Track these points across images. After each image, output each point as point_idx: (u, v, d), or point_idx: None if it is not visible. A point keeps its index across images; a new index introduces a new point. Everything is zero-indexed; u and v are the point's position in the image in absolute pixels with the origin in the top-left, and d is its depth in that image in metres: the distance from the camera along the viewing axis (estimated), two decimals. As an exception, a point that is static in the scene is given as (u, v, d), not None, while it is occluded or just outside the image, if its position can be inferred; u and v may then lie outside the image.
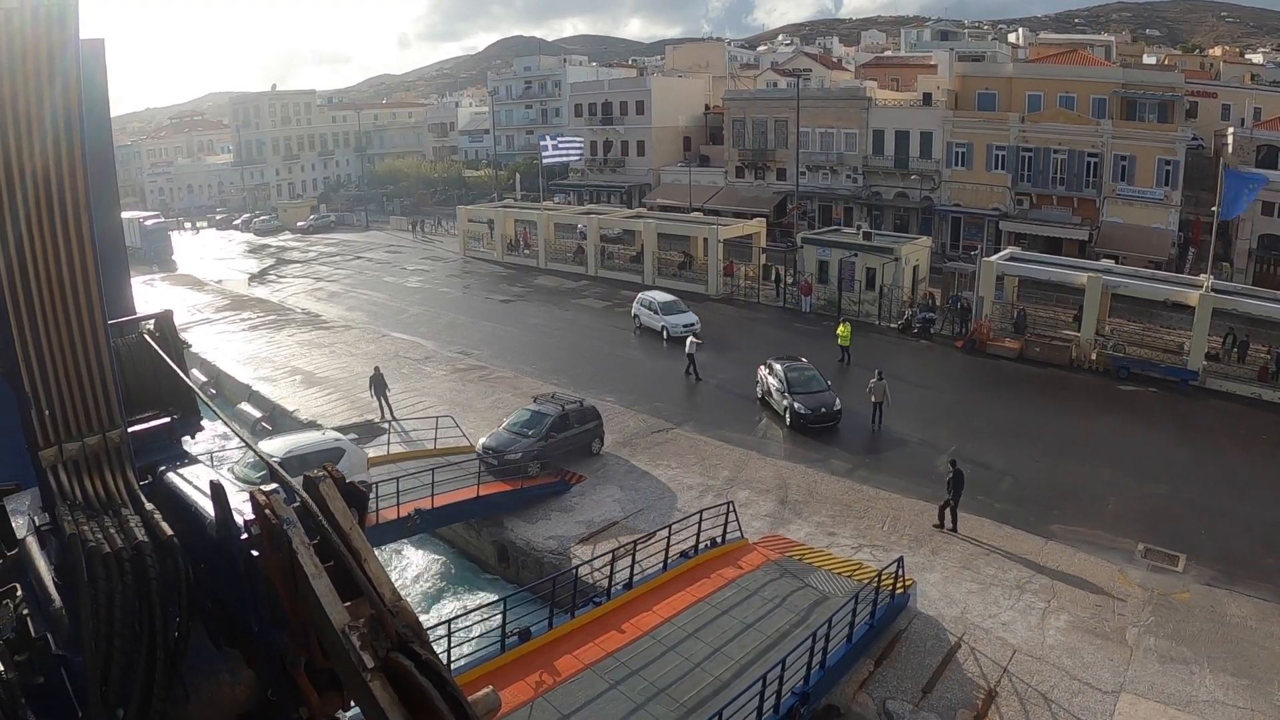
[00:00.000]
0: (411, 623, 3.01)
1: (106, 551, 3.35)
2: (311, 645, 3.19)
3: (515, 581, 26.40)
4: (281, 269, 78.65)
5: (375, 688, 2.82)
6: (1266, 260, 59.96)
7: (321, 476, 3.38)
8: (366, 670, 2.85)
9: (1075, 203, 65.41)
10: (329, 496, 3.33)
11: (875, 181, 74.98)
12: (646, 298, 50.98)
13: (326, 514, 3.28)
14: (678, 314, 48.63)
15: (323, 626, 3.01)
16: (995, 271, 46.13)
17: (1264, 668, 20.51)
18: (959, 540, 26.12)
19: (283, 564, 3.16)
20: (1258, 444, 34.18)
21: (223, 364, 46.04)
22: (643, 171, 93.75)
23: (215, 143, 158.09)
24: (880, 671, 20.53)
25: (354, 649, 2.89)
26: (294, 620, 3.22)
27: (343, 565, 3.14)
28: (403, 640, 2.95)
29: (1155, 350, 43.72)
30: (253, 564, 3.33)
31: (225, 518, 3.52)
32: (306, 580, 3.06)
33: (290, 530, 3.14)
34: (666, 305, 49.54)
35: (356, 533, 3.26)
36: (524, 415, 32.00)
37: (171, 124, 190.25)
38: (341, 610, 3.00)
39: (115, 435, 4.04)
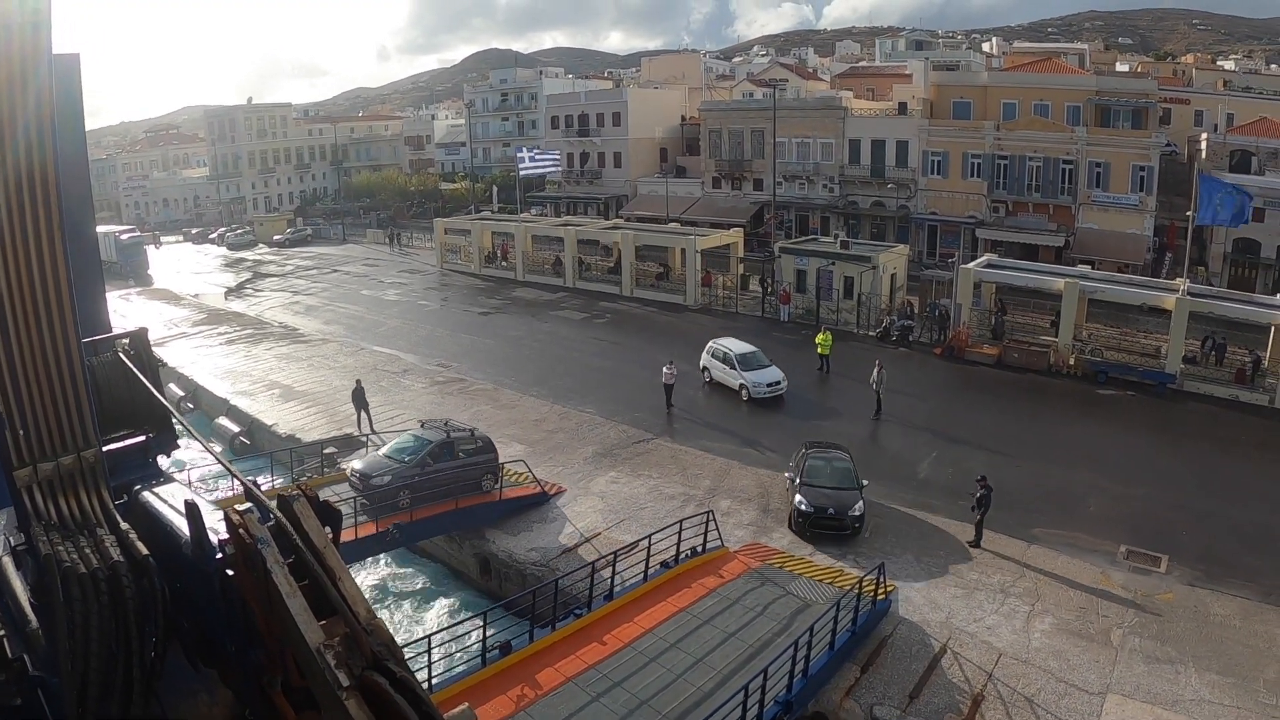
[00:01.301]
0: (386, 641, 3.01)
1: (82, 572, 3.32)
2: (288, 664, 3.16)
3: (497, 594, 26.23)
4: (258, 283, 78.37)
5: (351, 706, 2.80)
6: (1241, 264, 60.33)
7: (295, 495, 3.35)
8: (342, 689, 2.82)
9: (1051, 209, 65.70)
10: (303, 515, 3.31)
11: (852, 191, 75.16)
12: (719, 347, 41.65)
13: (300, 533, 3.25)
14: (759, 369, 39.73)
15: (298, 645, 2.99)
16: (973, 278, 46.25)
17: (1249, 665, 20.54)
18: (942, 545, 26.08)
19: (257, 583, 3.14)
20: (1236, 445, 34.36)
21: (200, 378, 45.72)
22: (620, 183, 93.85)
23: (191, 156, 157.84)
24: (866, 678, 20.44)
25: (329, 668, 2.86)
26: (269, 639, 3.20)
27: (317, 584, 3.12)
28: (378, 658, 2.94)
29: (1133, 354, 43.86)
30: (228, 583, 3.31)
31: (200, 537, 3.46)
32: (281, 599, 3.03)
33: (264, 549, 3.11)
34: (745, 358, 40.26)
35: (331, 551, 3.24)
36: (405, 440, 29.70)
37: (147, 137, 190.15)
38: (316, 629, 2.98)
39: (90, 455, 4.03)
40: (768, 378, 39.15)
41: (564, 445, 34.37)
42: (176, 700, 3.57)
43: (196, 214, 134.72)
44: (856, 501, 26.66)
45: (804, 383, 41.58)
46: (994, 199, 67.93)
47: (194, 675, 3.67)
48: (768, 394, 38.61)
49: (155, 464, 4.96)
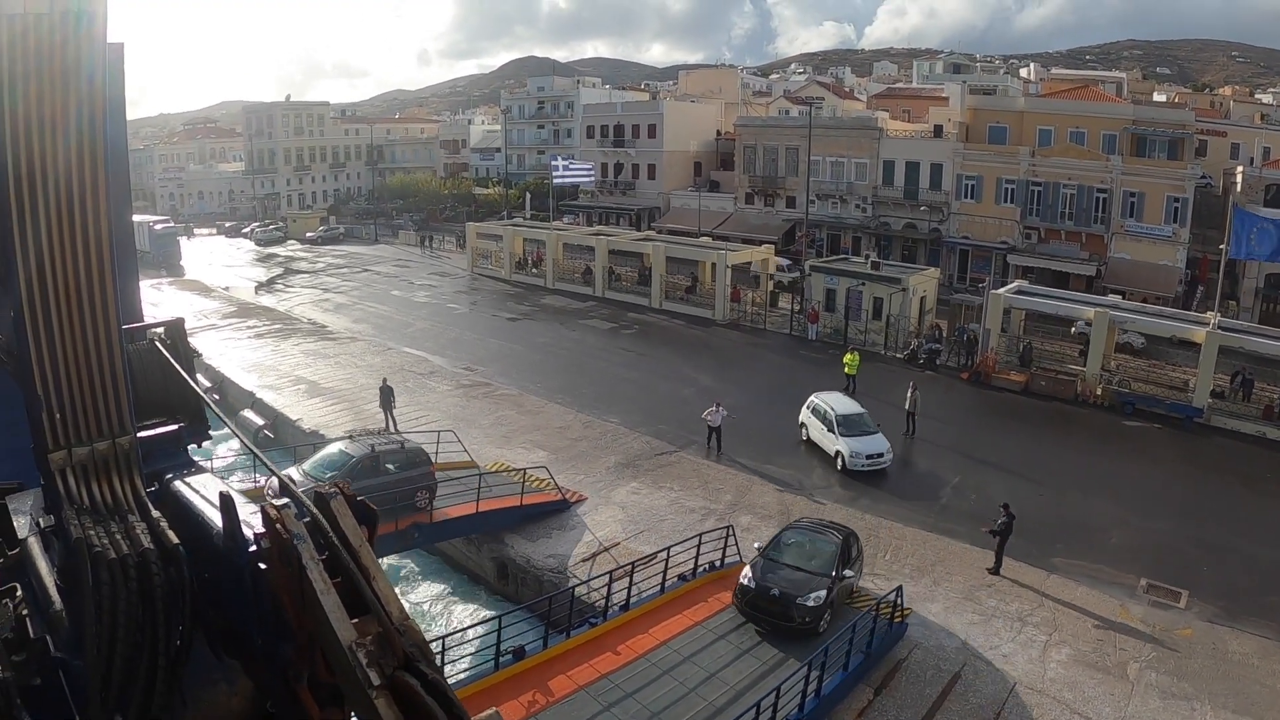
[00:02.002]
0: (419, 642, 3.00)
1: (112, 557, 3.35)
2: (316, 660, 3.18)
3: (514, 599, 26.27)
4: (289, 279, 78.89)
5: (380, 705, 2.80)
6: (1273, 299, 59.97)
7: (333, 493, 3.36)
8: (372, 687, 2.83)
9: (1083, 238, 65.44)
10: (340, 513, 3.32)
11: (884, 212, 75.05)
12: (821, 404, 35.85)
13: (337, 530, 3.27)
14: (862, 435, 33.89)
15: (329, 642, 3.00)
16: (1002, 304, 46.08)
17: (1265, 705, 20.40)
18: (961, 570, 26.00)
19: (291, 579, 3.15)
20: (1262, 482, 34.11)
21: (227, 370, 45.98)
22: (653, 195, 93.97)
23: (227, 150, 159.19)
24: (879, 700, 20.38)
25: (360, 666, 2.87)
26: (300, 634, 3.21)
27: (351, 582, 3.13)
28: (409, 659, 2.94)
29: (1161, 387, 43.61)
30: (260, 577, 3.32)
31: (233, 529, 3.49)
32: (315, 596, 3.05)
33: (300, 545, 3.13)
34: (848, 420, 34.32)
35: (366, 550, 3.24)
36: (330, 453, 27.64)
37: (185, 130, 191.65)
38: (349, 627, 2.99)
39: (125, 441, 4.03)
40: (870, 447, 33.22)
41: (587, 454, 34.42)
42: (197, 688, 3.59)
43: (231, 208, 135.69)
44: (817, 590, 21.69)
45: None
46: (1026, 225, 67.69)
47: (216, 665, 3.68)
48: (867, 466, 32.88)
49: (187, 453, 4.98)
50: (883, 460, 33.19)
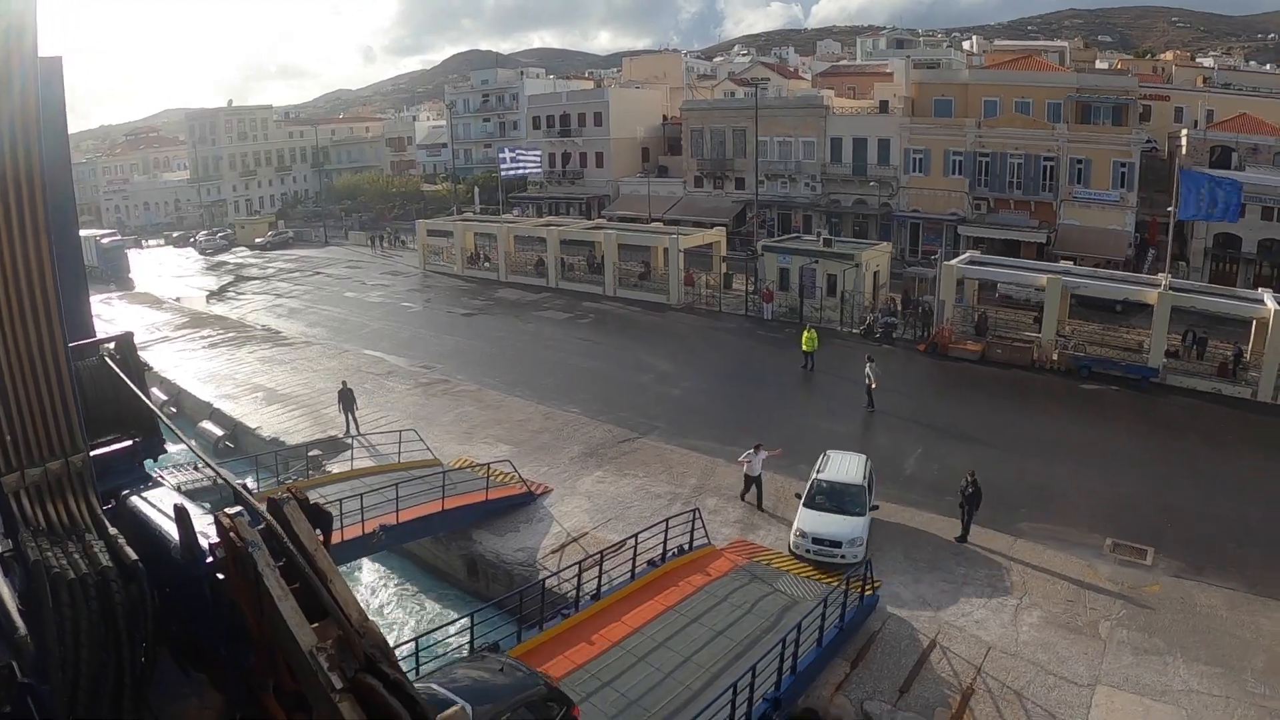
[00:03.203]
0: (379, 643, 3.02)
1: (71, 578, 3.29)
2: (279, 667, 3.15)
3: (485, 595, 26.05)
4: (240, 286, 77.99)
5: (344, 708, 2.81)
6: (1222, 259, 60.71)
7: (285, 498, 3.35)
8: (335, 691, 2.83)
9: (1033, 206, 65.96)
10: (293, 518, 3.30)
11: (834, 189, 75.30)
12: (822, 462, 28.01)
13: (291, 536, 3.25)
14: (832, 513, 25.56)
15: (290, 648, 2.98)
16: (955, 275, 46.32)
17: (1236, 655, 20.63)
18: (930, 540, 26.10)
19: (248, 586, 3.13)
20: (1219, 438, 34.54)
21: (183, 382, 45.32)
22: (602, 183, 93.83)
23: (171, 159, 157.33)
24: (856, 673, 20.43)
25: (322, 670, 2.87)
26: (261, 642, 3.18)
27: (309, 587, 3.12)
28: (370, 660, 2.95)
29: (1116, 349, 44.01)
30: (219, 587, 3.31)
31: (190, 541, 3.46)
32: (273, 602, 3.03)
33: (255, 553, 3.10)
34: (827, 490, 26.39)
35: (322, 554, 3.25)
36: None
37: (127, 141, 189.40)
38: (309, 632, 2.98)
39: (78, 460, 3.99)
40: (826, 530, 24.88)
41: (549, 445, 34.27)
42: (166, 704, 3.54)
43: (177, 217, 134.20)
44: None
45: (789, 381, 41.67)
46: (976, 196, 68.15)
47: (184, 680, 3.64)
48: (813, 554, 24.78)
49: (142, 468, 4.93)
50: (836, 552, 24.46)
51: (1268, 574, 24.08)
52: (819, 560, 24.77)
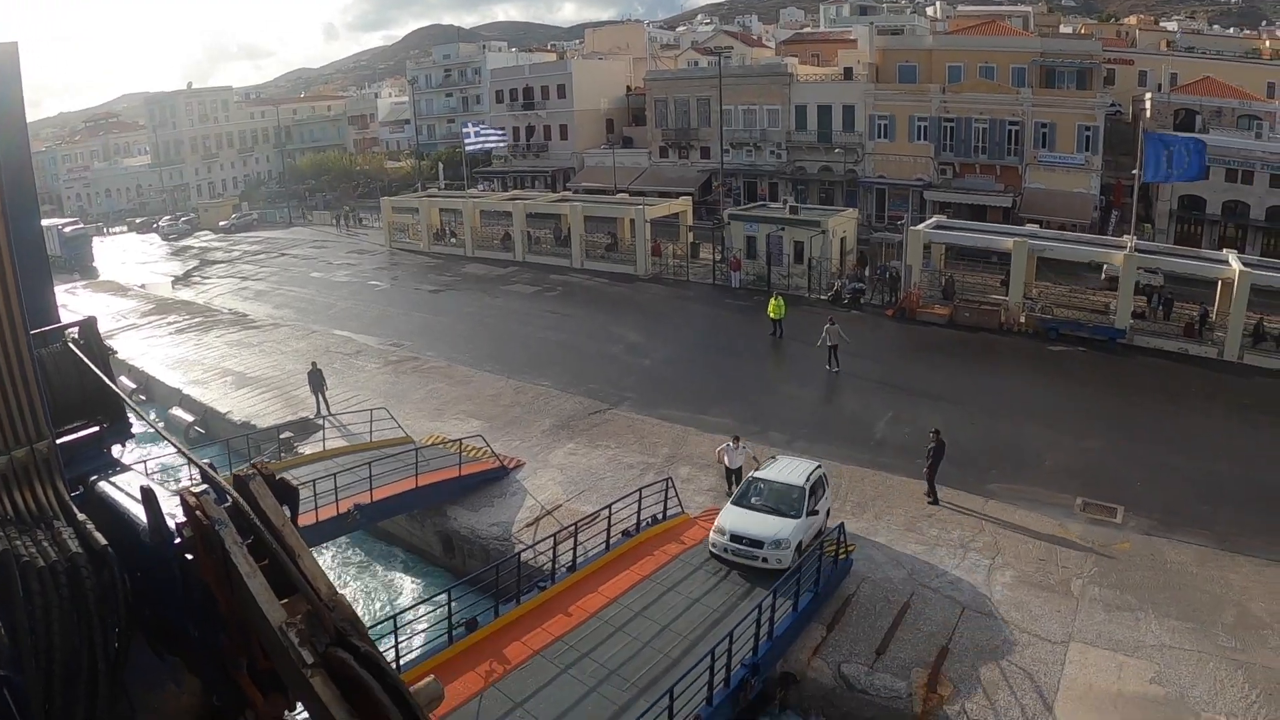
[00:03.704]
0: (349, 616, 2.99)
1: (41, 565, 3.23)
2: (252, 646, 3.14)
3: (461, 571, 25.95)
4: (205, 270, 77.06)
5: (316, 684, 2.79)
6: (1187, 220, 61.22)
7: (251, 475, 3.32)
8: (306, 666, 2.81)
9: (998, 170, 66.18)
10: (260, 494, 3.28)
11: (799, 156, 75.28)
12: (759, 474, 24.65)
13: (258, 512, 3.22)
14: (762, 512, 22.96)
15: (260, 626, 2.97)
16: (922, 240, 46.45)
17: (1206, 610, 20.86)
18: (902, 503, 26.25)
19: (217, 565, 3.10)
20: (1186, 397, 34.89)
21: (151, 369, 44.81)
22: (566, 155, 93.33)
23: (132, 145, 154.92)
24: (833, 636, 20.54)
25: (292, 646, 2.85)
26: (232, 622, 3.17)
27: (277, 563, 3.09)
28: (341, 634, 2.92)
29: (1082, 311, 44.28)
30: (188, 567, 3.27)
31: (158, 523, 3.41)
32: (241, 580, 3.01)
33: (222, 530, 3.08)
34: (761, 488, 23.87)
35: (289, 529, 3.22)
36: None
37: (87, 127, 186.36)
38: (278, 608, 2.96)
39: (43, 447, 3.94)
40: (750, 529, 22.25)
41: (521, 419, 34.20)
42: (143, 691, 3.50)
43: (140, 203, 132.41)
44: None
45: (759, 348, 41.77)
46: (941, 161, 68.30)
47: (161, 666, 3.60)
48: (732, 556, 22.21)
49: (110, 454, 4.88)
50: (757, 554, 21.82)
51: (1236, 530, 24.36)
52: (736, 563, 21.98)
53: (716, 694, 16.93)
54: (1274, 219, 58.48)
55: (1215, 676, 18.77)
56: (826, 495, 25.09)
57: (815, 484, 24.27)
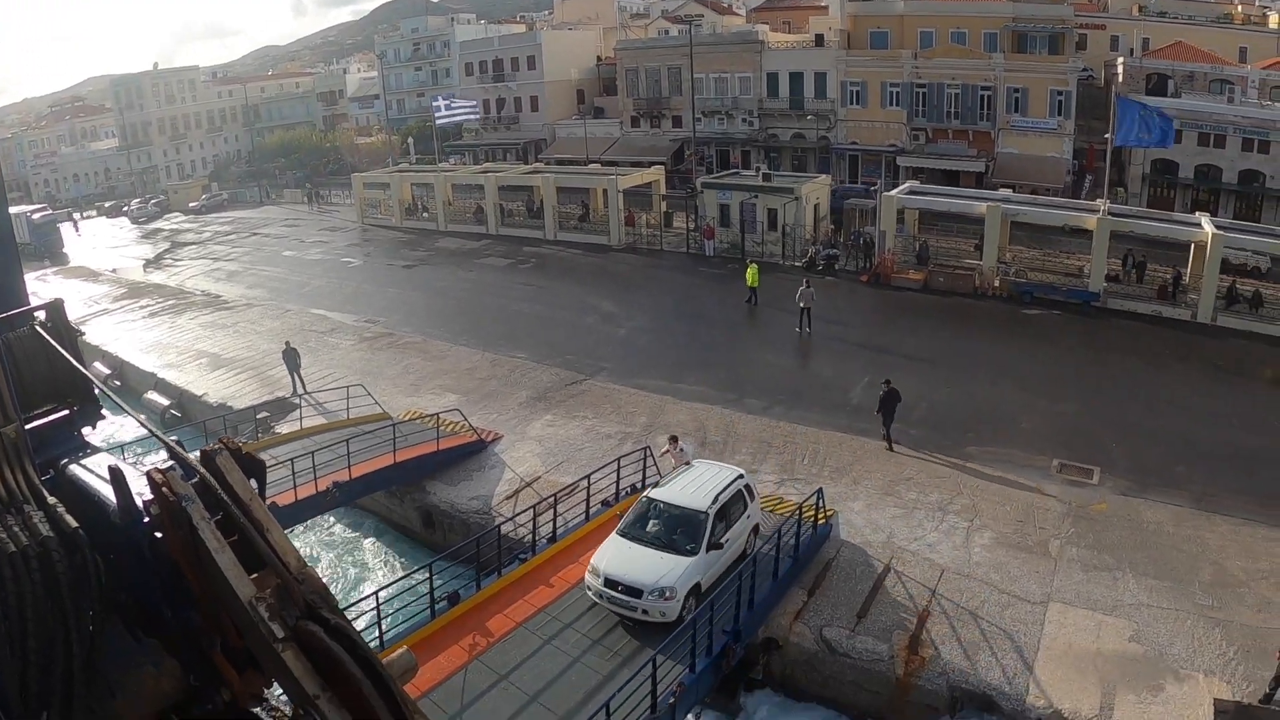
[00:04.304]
0: (319, 589, 2.97)
1: (12, 550, 3.17)
2: (224, 624, 3.13)
3: (443, 545, 25.85)
4: (177, 252, 76.10)
5: (288, 658, 2.79)
6: (1159, 184, 61.41)
7: (218, 449, 3.29)
8: (277, 641, 2.81)
9: (971, 136, 66.26)
10: (227, 469, 3.24)
11: (771, 124, 75.15)
12: (655, 493, 20.88)
13: (226, 487, 3.19)
14: (649, 548, 19.28)
15: (230, 601, 2.96)
16: (895, 206, 46.45)
17: (1183, 570, 21.04)
18: (879, 467, 26.33)
19: (185, 542, 3.07)
20: (1161, 359, 35.09)
21: (125, 354, 44.32)
22: (538, 127, 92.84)
23: (99, 128, 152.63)
24: (814, 601, 20.61)
25: (262, 620, 2.84)
26: (203, 600, 3.15)
27: (246, 537, 3.07)
28: (311, 607, 2.91)
29: (1056, 274, 44.41)
30: (157, 546, 3.24)
31: (127, 503, 3.37)
32: (210, 557, 2.98)
33: (189, 507, 3.05)
34: (657, 516, 20.21)
35: (257, 503, 3.21)
36: None
37: (52, 112, 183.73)
38: (248, 583, 2.95)
39: (10, 432, 3.86)
40: (627, 573, 18.56)
41: (497, 392, 34.11)
42: (121, 675, 3.41)
43: (109, 187, 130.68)
44: None
45: (734, 316, 41.77)
46: (914, 127, 68.32)
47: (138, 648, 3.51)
48: (605, 602, 18.71)
49: (81, 437, 4.82)
50: (635, 604, 18.17)
51: (1211, 489, 24.57)
52: (614, 611, 18.69)
53: (699, 661, 16.97)
54: (1246, 182, 58.80)
55: (1193, 634, 18.95)
56: (749, 514, 20.99)
57: (729, 505, 20.20)
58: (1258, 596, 20.01)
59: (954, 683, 18.36)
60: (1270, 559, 21.37)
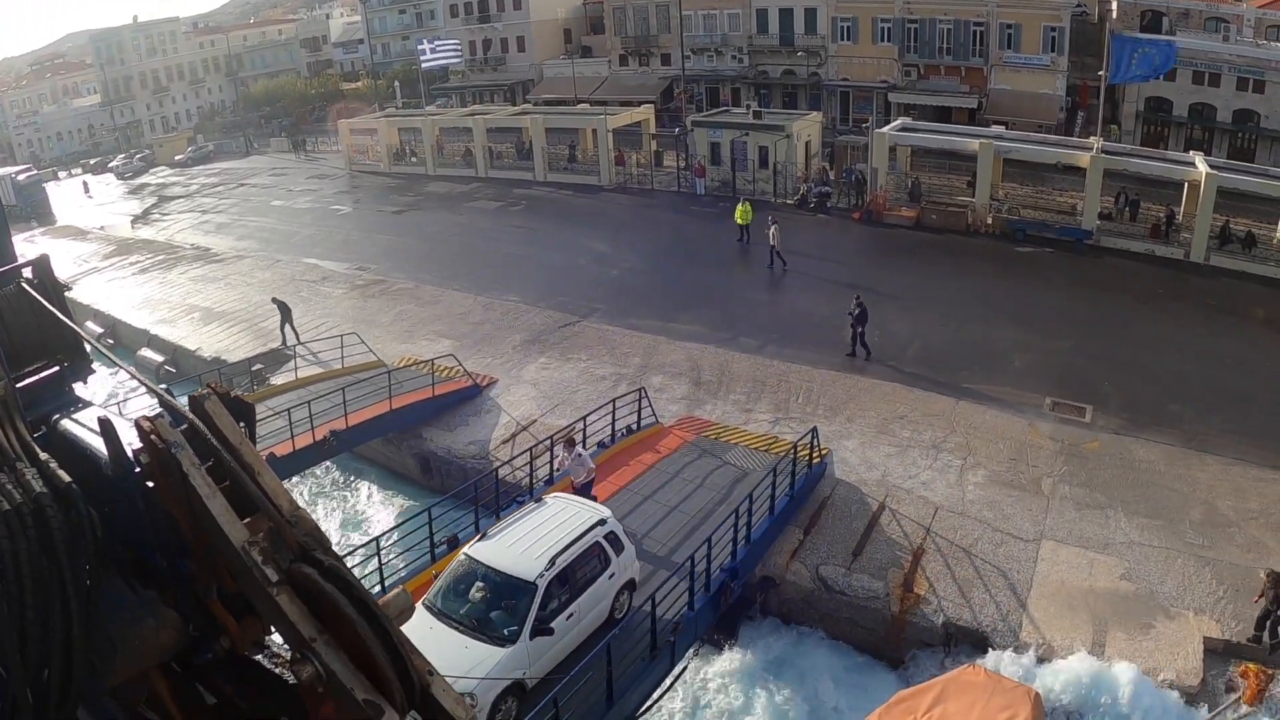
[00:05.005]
0: (311, 531, 2.96)
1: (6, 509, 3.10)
2: (219, 570, 3.10)
3: (440, 491, 25.89)
4: (165, 206, 75.25)
5: (282, 601, 2.78)
6: (1153, 122, 60.99)
7: (206, 394, 3.24)
8: (271, 585, 2.80)
9: (963, 72, 65.54)
10: (215, 414, 3.20)
11: (761, 60, 74.29)
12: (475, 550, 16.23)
13: (215, 432, 3.16)
14: (457, 633, 14.54)
15: (223, 547, 2.94)
16: (887, 143, 46.13)
17: (1174, 508, 21.25)
18: (874, 405, 26.40)
19: (176, 490, 3.04)
20: (1154, 297, 35.08)
21: (117, 311, 43.99)
22: (525, 68, 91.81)
23: (81, 85, 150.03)
24: (810, 540, 20.78)
25: (256, 565, 2.83)
26: (197, 547, 3.12)
27: (237, 482, 3.05)
28: (305, 549, 2.90)
29: (1049, 212, 44.23)
30: (149, 495, 3.21)
31: (117, 453, 3.34)
32: (201, 503, 2.96)
33: (179, 453, 3.01)
34: (481, 583, 15.38)
35: (247, 447, 3.17)
36: None
37: (33, 71, 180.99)
38: (240, 527, 2.94)
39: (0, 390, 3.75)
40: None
41: (491, 336, 34.07)
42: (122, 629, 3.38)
43: (93, 144, 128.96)
44: None
45: (726, 255, 41.68)
46: (906, 63, 67.54)
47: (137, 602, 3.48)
48: None
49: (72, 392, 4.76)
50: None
51: (1202, 429, 24.73)
52: None
53: (698, 599, 17.09)
54: (1240, 122, 58.29)
55: (1184, 573, 19.20)
56: (613, 572, 16.34)
57: (576, 565, 15.63)
58: (1247, 536, 20.25)
59: (948, 619, 18.57)
60: (1260, 499, 21.57)
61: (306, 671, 2.76)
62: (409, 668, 2.85)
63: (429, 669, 2.93)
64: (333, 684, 2.77)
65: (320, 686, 2.78)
